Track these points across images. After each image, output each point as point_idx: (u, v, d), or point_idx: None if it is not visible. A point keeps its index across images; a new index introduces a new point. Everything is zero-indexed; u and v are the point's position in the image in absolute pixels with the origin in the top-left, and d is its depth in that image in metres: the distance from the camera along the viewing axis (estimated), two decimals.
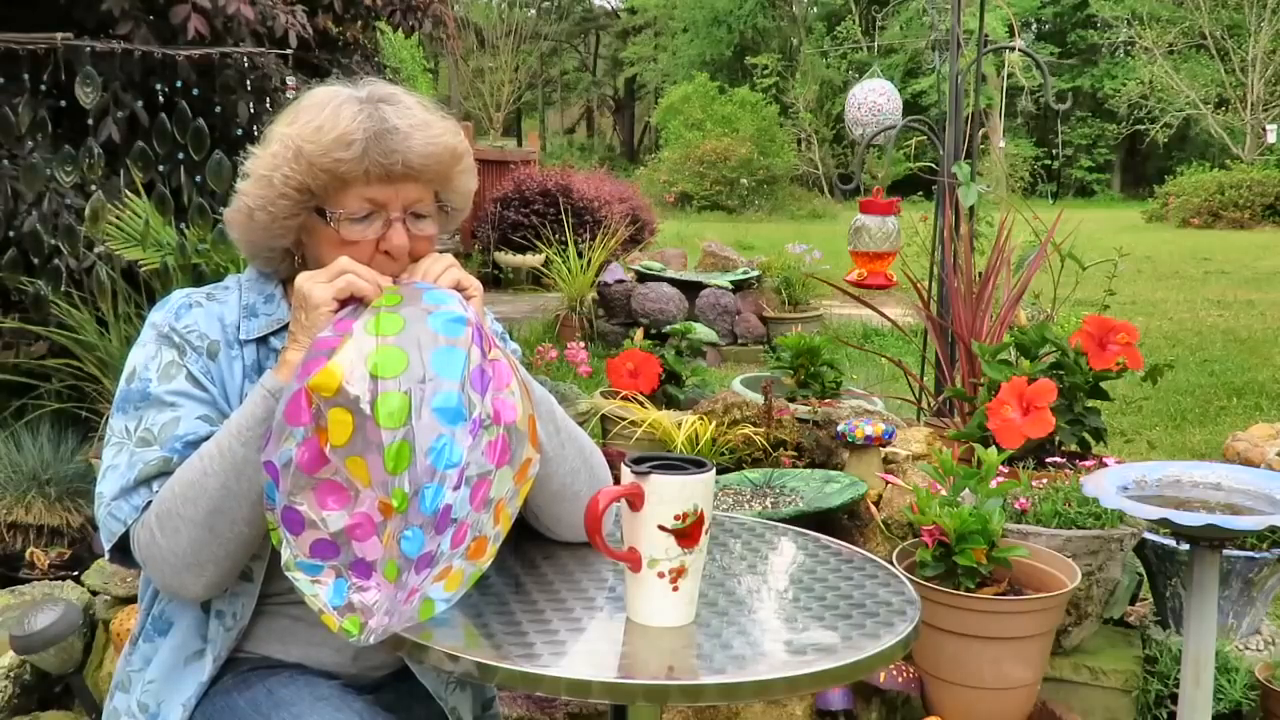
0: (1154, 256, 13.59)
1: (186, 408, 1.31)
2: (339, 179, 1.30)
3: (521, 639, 1.13)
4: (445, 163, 1.34)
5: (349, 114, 1.29)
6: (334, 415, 1.08)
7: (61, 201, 3.41)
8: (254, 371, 1.36)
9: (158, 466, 1.28)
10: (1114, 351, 2.54)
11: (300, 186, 1.31)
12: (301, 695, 1.31)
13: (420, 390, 1.10)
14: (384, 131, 1.29)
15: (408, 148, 1.30)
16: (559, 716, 2.24)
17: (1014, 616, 2.00)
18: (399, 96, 1.34)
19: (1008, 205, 4.74)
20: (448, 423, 1.10)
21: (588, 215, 9.38)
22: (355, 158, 1.28)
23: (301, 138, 1.30)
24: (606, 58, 42.65)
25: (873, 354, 5.99)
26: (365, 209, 1.32)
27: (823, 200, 24.98)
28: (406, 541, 1.09)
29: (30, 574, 2.88)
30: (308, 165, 1.29)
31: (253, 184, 1.34)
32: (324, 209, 1.32)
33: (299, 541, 1.11)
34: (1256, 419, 5.03)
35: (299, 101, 1.35)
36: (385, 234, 1.33)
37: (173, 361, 1.33)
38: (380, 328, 1.14)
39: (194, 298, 1.40)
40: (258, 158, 1.34)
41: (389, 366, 1.10)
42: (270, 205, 1.32)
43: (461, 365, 1.12)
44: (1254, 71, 24.91)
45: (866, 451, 2.68)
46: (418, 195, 1.34)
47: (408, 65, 9.52)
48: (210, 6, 3.57)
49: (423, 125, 1.32)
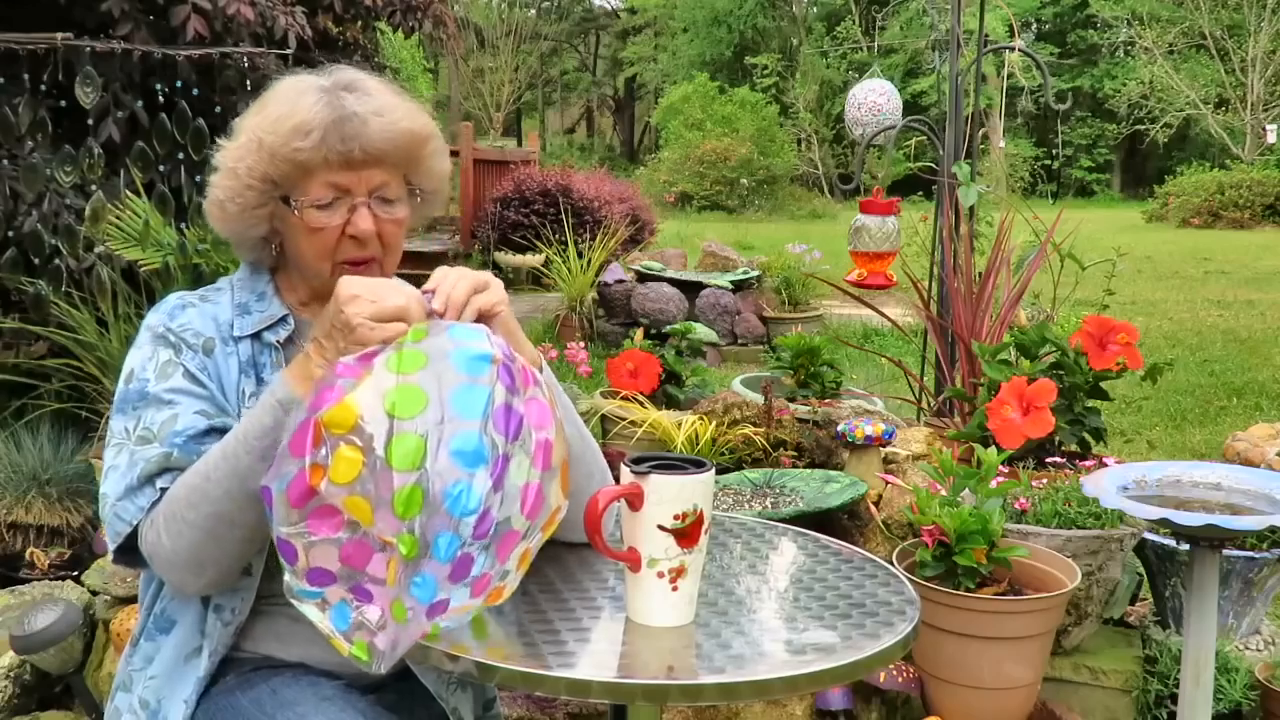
0: (1154, 256, 13.58)
1: (184, 404, 1.31)
2: (300, 167, 1.31)
3: (521, 639, 1.13)
4: (407, 146, 1.35)
5: (308, 103, 1.30)
6: (342, 453, 1.05)
7: (61, 201, 3.41)
8: (249, 367, 1.37)
9: (159, 463, 1.28)
10: (1114, 351, 2.54)
11: (264, 177, 1.32)
12: (305, 695, 1.31)
13: (438, 431, 1.05)
14: (342, 118, 1.30)
15: (366, 133, 1.31)
16: (559, 716, 2.24)
17: (1014, 616, 2.00)
18: (362, 83, 1.35)
19: (1008, 205, 4.73)
20: (466, 466, 1.05)
21: (588, 215, 9.38)
22: (313, 145, 1.29)
23: (262, 129, 1.31)
24: (606, 58, 42.63)
25: (873, 354, 5.99)
26: (329, 195, 1.33)
27: (823, 200, 24.98)
28: (417, 587, 1.05)
29: (30, 574, 2.88)
30: (269, 156, 1.31)
31: (222, 176, 1.36)
32: (289, 197, 1.33)
33: (296, 569, 1.09)
34: (1256, 419, 5.03)
35: (266, 93, 1.37)
36: (350, 219, 1.34)
37: (169, 360, 1.34)
38: (402, 365, 1.09)
39: (187, 299, 1.42)
40: (226, 150, 1.36)
41: (407, 406, 1.06)
42: (238, 197, 1.34)
43: (483, 404, 1.07)
44: (1254, 71, 24.91)
45: (866, 451, 2.68)
46: (383, 179, 1.35)
47: (408, 65, 9.52)
48: (210, 8, 3.58)
49: (382, 110, 1.32)
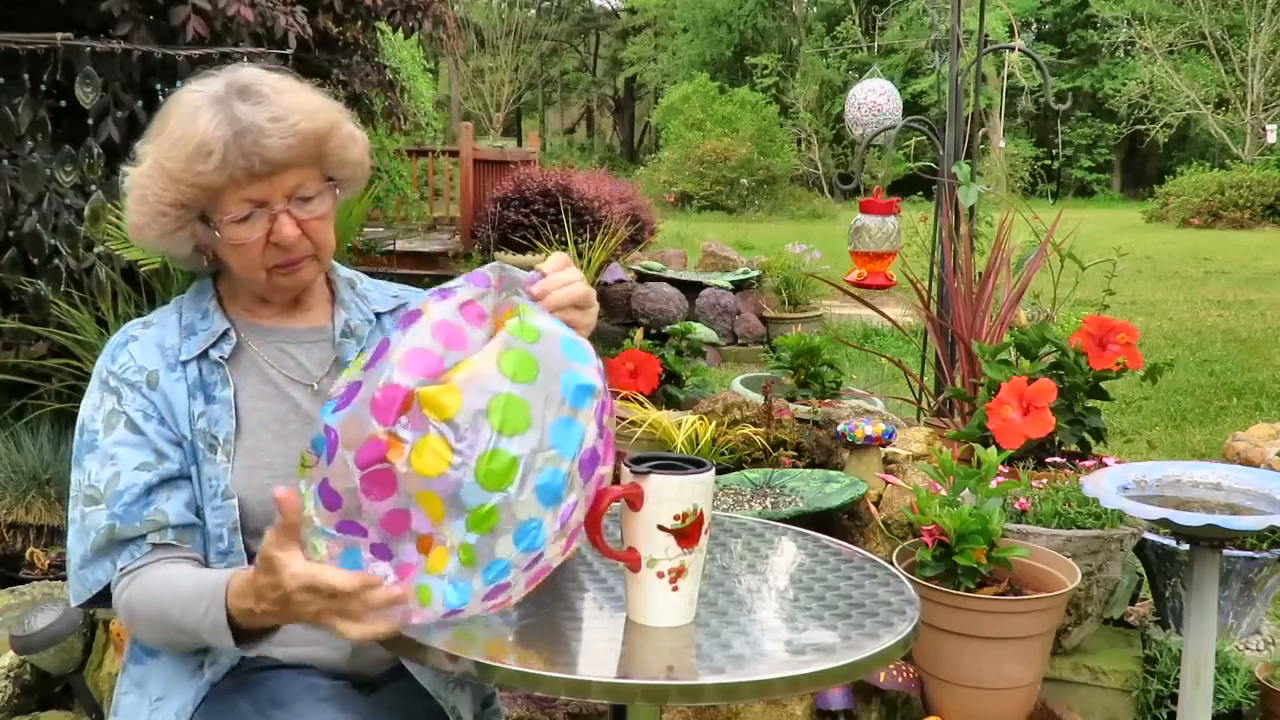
0: (1154, 256, 13.58)
1: (125, 460, 1.31)
2: (207, 190, 1.28)
3: (521, 638, 1.12)
4: (310, 147, 1.31)
5: (204, 121, 1.26)
6: (430, 442, 0.98)
7: (61, 201, 3.40)
8: (197, 389, 1.36)
9: (106, 535, 1.30)
10: (1114, 351, 2.54)
11: (174, 203, 1.29)
12: (303, 696, 1.31)
13: (532, 460, 1.00)
14: (240, 133, 1.25)
15: (265, 145, 1.26)
16: (559, 716, 2.24)
17: (1014, 616, 2.00)
18: (257, 85, 1.29)
19: (1008, 205, 4.73)
20: (545, 504, 1.02)
21: (588, 215, 9.36)
22: (215, 167, 1.25)
23: (162, 154, 1.28)
24: (606, 58, 42.63)
25: (873, 354, 5.99)
26: (246, 209, 1.30)
27: (823, 200, 24.98)
28: (452, 590, 1.04)
29: (30, 574, 2.87)
30: (173, 183, 1.28)
31: (133, 202, 1.32)
32: (207, 217, 1.31)
33: (328, 514, 1.03)
34: (1256, 419, 5.03)
35: (162, 109, 1.33)
36: (273, 227, 1.31)
37: (113, 410, 1.34)
38: (517, 370, 1.01)
39: (130, 332, 1.40)
40: (132, 175, 1.32)
41: (512, 423, 0.99)
42: (154, 223, 1.32)
43: (578, 443, 1.03)
44: (1254, 71, 24.91)
45: (866, 451, 2.68)
46: (297, 181, 1.31)
47: (408, 65, 9.50)
48: (210, 8, 3.57)
49: (279, 115, 1.27)
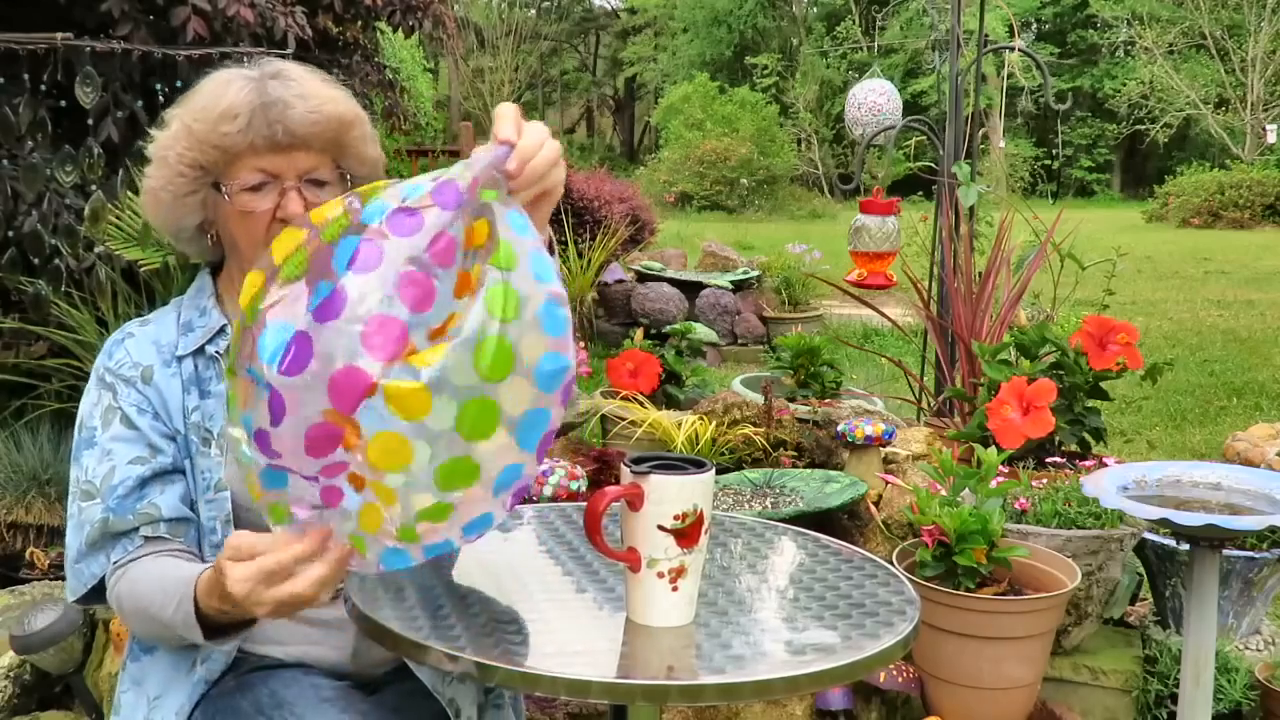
0: (1154, 256, 13.58)
1: (119, 454, 1.35)
2: (227, 152, 1.34)
3: (521, 638, 1.12)
4: (333, 130, 1.37)
5: (235, 90, 1.33)
6: (390, 437, 0.95)
7: (61, 201, 3.40)
8: (192, 384, 1.40)
9: (100, 528, 1.33)
10: (1114, 351, 2.54)
11: (193, 163, 1.35)
12: (305, 696, 1.31)
13: (494, 462, 0.99)
14: (267, 103, 1.33)
15: (290, 116, 1.33)
16: (559, 716, 2.24)
17: (1014, 616, 2.00)
18: (289, 72, 1.38)
19: (1008, 205, 4.73)
20: (497, 495, 1.03)
21: (588, 215, 9.36)
22: (240, 130, 1.32)
23: (190, 116, 1.35)
24: (606, 58, 42.62)
25: (873, 354, 5.99)
26: (258, 179, 1.35)
27: (823, 200, 24.95)
28: (389, 554, 1.04)
29: (30, 574, 2.87)
30: (198, 142, 1.34)
31: (154, 165, 1.39)
32: (220, 183, 1.36)
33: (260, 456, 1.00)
34: (1256, 419, 5.03)
35: (197, 85, 1.39)
36: (280, 203, 1.36)
37: (109, 406, 1.38)
38: (505, 307, 0.97)
39: (128, 329, 1.45)
40: (158, 139, 1.38)
41: (482, 428, 0.97)
42: (170, 184, 1.37)
43: (539, 436, 1.01)
44: (1254, 71, 24.91)
45: (866, 451, 2.68)
46: (312, 164, 1.37)
47: (408, 65, 9.52)
48: (210, 8, 3.57)
49: (307, 95, 1.35)
